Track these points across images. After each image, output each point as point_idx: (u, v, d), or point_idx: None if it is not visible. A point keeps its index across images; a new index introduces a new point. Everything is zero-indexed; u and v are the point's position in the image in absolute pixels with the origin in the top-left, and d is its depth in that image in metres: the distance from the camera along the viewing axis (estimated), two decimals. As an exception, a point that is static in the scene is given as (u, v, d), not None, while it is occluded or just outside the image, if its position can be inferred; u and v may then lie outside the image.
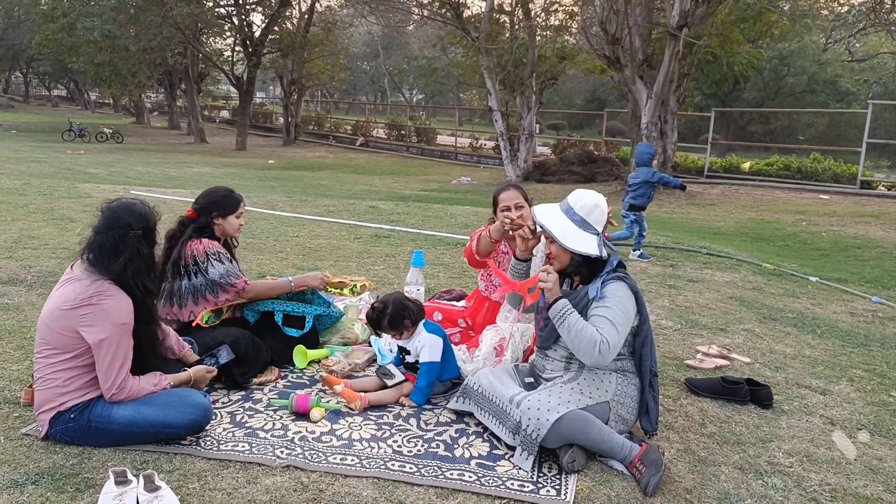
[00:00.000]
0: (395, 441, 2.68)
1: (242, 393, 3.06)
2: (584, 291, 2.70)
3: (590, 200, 2.70)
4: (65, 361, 2.46)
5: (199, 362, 2.93)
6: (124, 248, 2.48)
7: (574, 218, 2.68)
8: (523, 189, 3.50)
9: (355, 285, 3.78)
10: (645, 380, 2.70)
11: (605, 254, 2.67)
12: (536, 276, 2.66)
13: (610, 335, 2.53)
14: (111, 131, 25.84)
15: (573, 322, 2.57)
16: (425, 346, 3.05)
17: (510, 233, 3.11)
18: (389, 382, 3.11)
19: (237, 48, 28.62)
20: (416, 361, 3.10)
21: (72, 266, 2.56)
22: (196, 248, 3.22)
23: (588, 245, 2.64)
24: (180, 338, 2.98)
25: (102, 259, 2.47)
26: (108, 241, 2.48)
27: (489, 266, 3.45)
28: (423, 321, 3.13)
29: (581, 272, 2.77)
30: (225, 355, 2.99)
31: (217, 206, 3.34)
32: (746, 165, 16.59)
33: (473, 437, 2.75)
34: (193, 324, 3.20)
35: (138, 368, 2.56)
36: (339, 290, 3.73)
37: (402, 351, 3.16)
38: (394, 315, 3.05)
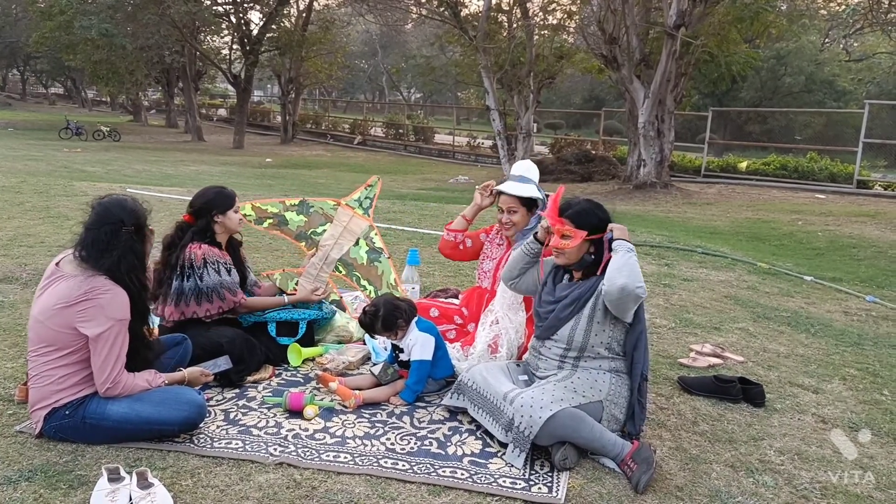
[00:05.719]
0: (388, 439, 2.69)
1: (236, 391, 3.07)
2: (588, 284, 2.72)
3: (523, 164, 3.56)
4: (61, 358, 2.46)
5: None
6: (117, 243, 2.49)
7: (516, 178, 3.46)
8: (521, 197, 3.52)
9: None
10: (635, 383, 2.71)
11: (542, 195, 3.37)
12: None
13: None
14: (108, 129, 25.70)
15: (630, 257, 2.62)
16: (416, 343, 3.05)
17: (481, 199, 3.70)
18: (384, 380, 3.12)
19: (235, 46, 28.60)
20: (410, 360, 3.11)
21: (57, 263, 2.55)
22: (195, 251, 3.17)
23: (529, 190, 3.36)
24: (159, 338, 2.97)
25: (96, 255, 2.47)
26: (101, 237, 2.48)
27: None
28: (416, 318, 3.14)
29: (586, 269, 2.78)
30: (223, 365, 3.00)
31: (214, 204, 3.28)
32: (743, 165, 16.61)
33: (466, 434, 2.76)
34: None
35: (132, 363, 2.56)
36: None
37: (396, 349, 3.17)
38: (386, 317, 3.05)
